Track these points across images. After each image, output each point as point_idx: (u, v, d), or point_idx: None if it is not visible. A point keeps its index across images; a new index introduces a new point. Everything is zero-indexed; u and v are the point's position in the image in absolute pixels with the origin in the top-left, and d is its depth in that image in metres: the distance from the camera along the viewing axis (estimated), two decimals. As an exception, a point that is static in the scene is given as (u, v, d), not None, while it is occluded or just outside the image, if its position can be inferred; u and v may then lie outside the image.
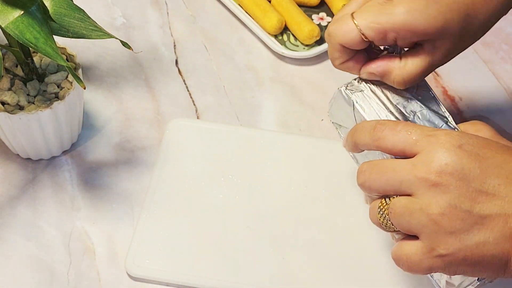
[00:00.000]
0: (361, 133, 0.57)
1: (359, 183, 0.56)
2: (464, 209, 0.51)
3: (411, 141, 0.54)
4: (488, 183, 0.52)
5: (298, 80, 0.84)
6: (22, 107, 0.70)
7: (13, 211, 0.72)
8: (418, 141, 0.53)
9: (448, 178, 0.51)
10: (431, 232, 0.52)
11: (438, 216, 0.52)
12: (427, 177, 0.52)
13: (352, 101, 0.61)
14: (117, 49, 0.86)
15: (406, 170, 0.53)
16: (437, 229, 0.52)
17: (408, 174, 0.53)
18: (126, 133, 0.79)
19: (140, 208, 0.72)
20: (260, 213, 0.72)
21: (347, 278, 0.68)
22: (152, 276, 0.68)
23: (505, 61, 0.87)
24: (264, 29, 0.87)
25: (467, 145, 0.52)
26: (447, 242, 0.52)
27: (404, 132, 0.54)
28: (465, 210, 0.51)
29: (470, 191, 0.51)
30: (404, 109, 0.60)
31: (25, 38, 0.60)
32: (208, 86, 0.84)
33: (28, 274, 0.68)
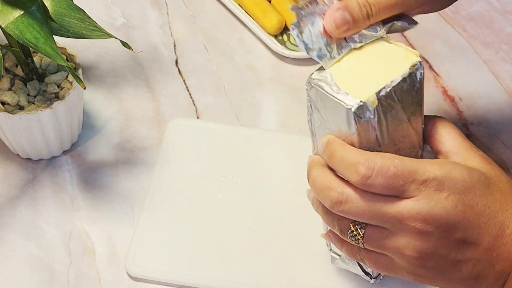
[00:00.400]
0: (347, 171, 0.54)
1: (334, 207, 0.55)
2: (440, 255, 0.53)
3: (401, 190, 0.52)
4: (469, 234, 0.53)
5: (298, 80, 0.84)
6: (22, 107, 0.70)
7: (13, 211, 0.72)
8: (407, 189, 0.52)
9: (433, 229, 0.53)
10: (402, 263, 0.55)
11: (411, 258, 0.54)
12: (413, 225, 0.53)
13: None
14: (117, 49, 0.86)
15: (393, 210, 0.53)
16: (408, 266, 0.55)
17: (394, 214, 0.53)
18: (126, 133, 0.79)
19: (140, 208, 0.72)
20: (260, 213, 0.72)
21: (348, 278, 0.68)
22: (152, 276, 0.68)
23: (505, 61, 0.87)
24: (264, 29, 0.87)
25: (454, 195, 0.52)
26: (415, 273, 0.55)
27: (394, 180, 0.52)
28: (441, 256, 0.54)
29: (451, 241, 0.53)
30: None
31: (25, 38, 0.61)
32: (208, 86, 0.84)
33: (28, 274, 0.68)
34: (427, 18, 0.90)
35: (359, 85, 0.55)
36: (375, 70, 0.56)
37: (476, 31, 0.90)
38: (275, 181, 0.74)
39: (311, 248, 0.70)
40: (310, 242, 0.70)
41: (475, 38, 0.89)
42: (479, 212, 0.52)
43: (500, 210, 0.53)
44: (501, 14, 0.92)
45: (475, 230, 0.53)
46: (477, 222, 0.53)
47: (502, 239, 0.53)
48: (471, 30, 0.90)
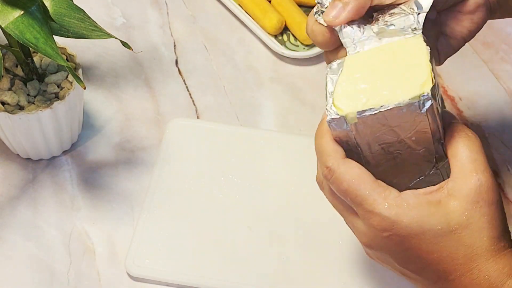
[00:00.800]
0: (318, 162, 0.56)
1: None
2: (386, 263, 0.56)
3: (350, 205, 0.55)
4: (408, 269, 0.55)
5: (298, 80, 0.84)
6: (22, 107, 0.70)
7: (13, 211, 0.72)
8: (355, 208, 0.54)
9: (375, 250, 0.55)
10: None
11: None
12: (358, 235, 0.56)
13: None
14: (117, 49, 0.86)
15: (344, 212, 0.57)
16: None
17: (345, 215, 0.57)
18: (126, 133, 0.79)
19: (140, 208, 0.72)
20: (260, 213, 0.72)
21: (348, 278, 0.68)
22: (152, 276, 0.68)
23: (505, 61, 0.87)
24: (264, 29, 0.87)
25: (396, 236, 0.53)
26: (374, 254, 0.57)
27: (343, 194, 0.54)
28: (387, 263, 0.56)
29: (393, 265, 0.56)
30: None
31: (25, 38, 0.60)
32: (208, 86, 0.84)
33: (28, 274, 0.68)
34: (427, 18, 0.90)
35: (354, 92, 0.54)
36: (384, 80, 0.54)
37: (476, 31, 0.90)
38: (275, 181, 0.74)
39: (311, 248, 0.70)
40: (310, 242, 0.70)
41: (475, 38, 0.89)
42: (420, 256, 0.53)
43: (446, 259, 0.52)
44: (501, 14, 0.92)
45: (416, 268, 0.54)
46: (418, 263, 0.53)
47: (445, 282, 0.53)
48: (471, 30, 0.90)
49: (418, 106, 0.52)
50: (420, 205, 0.52)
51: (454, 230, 0.52)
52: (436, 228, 0.52)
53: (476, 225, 0.52)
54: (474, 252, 0.52)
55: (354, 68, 0.55)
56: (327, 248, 0.70)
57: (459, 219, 0.52)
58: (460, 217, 0.52)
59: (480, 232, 0.52)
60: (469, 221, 0.52)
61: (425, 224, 0.52)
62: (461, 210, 0.52)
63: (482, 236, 0.52)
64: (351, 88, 0.54)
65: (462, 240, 0.52)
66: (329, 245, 0.70)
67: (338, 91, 0.54)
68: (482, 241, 0.52)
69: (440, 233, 0.52)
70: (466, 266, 0.52)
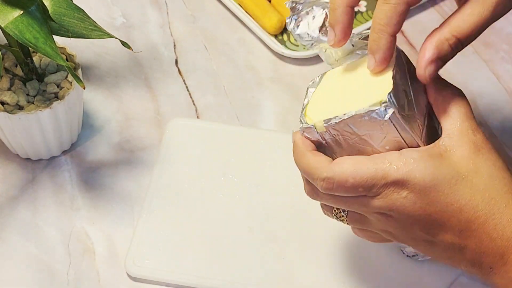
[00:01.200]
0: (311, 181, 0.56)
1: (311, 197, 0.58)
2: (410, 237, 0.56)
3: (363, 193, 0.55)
4: (432, 228, 0.54)
5: (298, 80, 0.84)
6: (21, 107, 0.70)
7: (13, 211, 0.72)
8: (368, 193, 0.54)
9: (396, 218, 0.55)
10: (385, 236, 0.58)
11: (389, 235, 0.57)
12: (377, 215, 0.55)
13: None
14: (117, 49, 0.86)
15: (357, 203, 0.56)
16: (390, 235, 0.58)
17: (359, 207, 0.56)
18: (126, 133, 0.79)
19: (140, 208, 0.72)
20: (260, 213, 0.72)
21: (349, 278, 0.68)
22: (152, 276, 0.68)
23: (505, 61, 0.87)
24: (264, 29, 0.87)
25: (413, 194, 0.53)
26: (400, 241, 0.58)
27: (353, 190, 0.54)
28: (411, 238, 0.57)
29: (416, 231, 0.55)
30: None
31: (25, 38, 0.60)
32: (208, 86, 0.83)
33: (28, 274, 0.68)
34: (427, 18, 0.90)
35: (325, 103, 0.57)
36: (352, 91, 0.56)
37: (477, 31, 0.90)
38: (275, 181, 0.74)
39: (311, 248, 0.70)
40: (310, 242, 0.70)
41: (476, 38, 0.89)
42: (441, 209, 0.53)
43: (466, 207, 0.53)
44: (502, 14, 0.92)
45: (438, 223, 0.54)
46: (440, 218, 0.53)
47: (468, 233, 0.53)
48: (472, 30, 0.90)
49: (379, 114, 0.53)
50: (425, 158, 0.53)
51: (465, 177, 0.53)
52: (448, 177, 0.53)
53: (484, 170, 0.53)
54: (491, 196, 0.53)
55: (329, 81, 0.58)
56: (327, 248, 0.70)
57: (467, 166, 0.53)
58: (467, 164, 0.53)
59: (490, 176, 0.53)
60: (476, 167, 0.53)
61: (436, 174, 0.53)
62: (466, 159, 0.53)
63: (493, 180, 0.53)
64: (322, 100, 0.57)
65: (475, 186, 0.53)
66: (329, 245, 0.70)
67: (312, 103, 0.57)
68: (495, 184, 0.53)
69: (453, 181, 0.53)
70: (487, 211, 0.52)
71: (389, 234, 0.57)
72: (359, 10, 0.90)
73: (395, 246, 0.69)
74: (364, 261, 0.69)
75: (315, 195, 0.58)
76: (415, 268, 0.69)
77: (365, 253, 0.70)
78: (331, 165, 0.54)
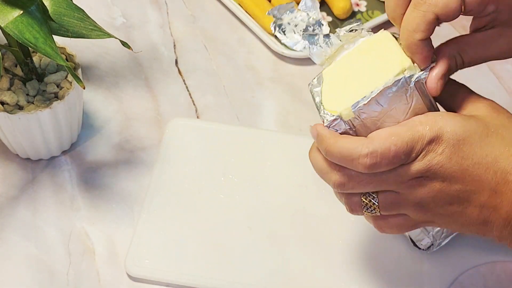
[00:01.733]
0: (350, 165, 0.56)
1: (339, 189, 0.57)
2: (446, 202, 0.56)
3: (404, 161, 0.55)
4: (469, 182, 0.55)
5: (298, 80, 0.84)
6: (21, 107, 0.70)
7: (12, 211, 0.72)
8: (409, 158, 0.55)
9: (434, 180, 0.55)
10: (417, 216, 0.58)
11: (422, 210, 0.57)
12: (415, 181, 0.55)
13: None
14: (117, 49, 0.86)
15: (394, 175, 0.55)
16: (422, 217, 0.57)
17: (396, 178, 0.56)
18: (125, 133, 0.79)
19: (140, 208, 0.72)
20: (260, 213, 0.72)
21: (349, 278, 0.68)
22: (152, 276, 0.68)
23: (505, 60, 0.87)
24: (264, 29, 0.87)
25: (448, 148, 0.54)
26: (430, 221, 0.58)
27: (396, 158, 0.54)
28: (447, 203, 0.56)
29: (453, 190, 0.55)
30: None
31: (25, 38, 0.60)
32: (208, 86, 0.83)
33: (28, 274, 0.68)
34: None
35: (341, 93, 0.57)
36: (364, 75, 0.56)
37: (477, 31, 0.90)
38: (275, 181, 0.74)
39: (312, 248, 0.70)
40: (310, 242, 0.70)
41: (476, 38, 0.89)
42: (477, 162, 0.54)
43: (500, 158, 0.54)
44: (502, 13, 0.92)
45: (474, 178, 0.54)
46: (476, 171, 0.54)
47: (505, 185, 0.54)
48: (472, 30, 0.90)
49: (406, 81, 0.55)
50: (452, 115, 0.55)
51: (495, 130, 0.55)
52: (479, 130, 0.54)
53: (510, 125, 0.55)
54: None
55: (333, 76, 0.58)
56: (327, 248, 0.70)
57: (494, 122, 0.55)
58: (494, 120, 0.55)
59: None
60: (502, 123, 0.55)
61: (467, 127, 0.54)
62: (490, 117, 0.55)
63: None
64: (337, 92, 0.57)
65: (506, 138, 0.54)
66: (329, 245, 0.70)
67: (326, 98, 0.57)
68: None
69: (484, 134, 0.54)
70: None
71: (421, 209, 0.57)
72: (359, 10, 0.90)
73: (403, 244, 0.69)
74: (364, 260, 0.69)
75: (349, 185, 0.57)
76: (415, 268, 0.69)
77: (365, 253, 0.70)
78: (367, 141, 0.54)
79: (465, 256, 0.69)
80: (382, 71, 0.55)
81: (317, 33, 0.58)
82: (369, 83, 0.55)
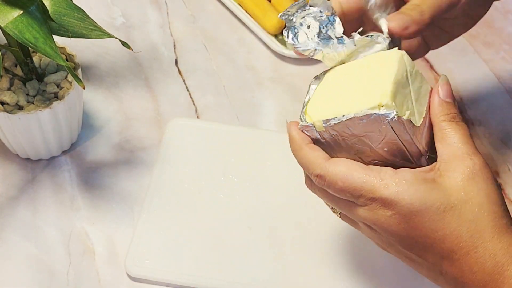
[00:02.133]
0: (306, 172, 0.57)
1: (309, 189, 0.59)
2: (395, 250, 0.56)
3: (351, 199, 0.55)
4: (415, 250, 0.54)
5: (298, 80, 0.84)
6: (21, 107, 0.70)
7: (12, 211, 0.72)
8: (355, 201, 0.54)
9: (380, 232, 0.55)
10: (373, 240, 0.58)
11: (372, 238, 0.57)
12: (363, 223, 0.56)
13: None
14: (117, 49, 0.86)
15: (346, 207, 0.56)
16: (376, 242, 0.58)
17: (348, 210, 0.56)
18: (126, 133, 0.79)
19: (140, 208, 0.72)
20: (260, 213, 0.72)
21: (349, 278, 0.68)
22: (152, 276, 0.68)
23: (506, 61, 0.87)
24: (264, 29, 0.87)
25: (398, 215, 0.52)
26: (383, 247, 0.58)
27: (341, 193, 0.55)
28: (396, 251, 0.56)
29: (399, 248, 0.55)
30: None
31: (25, 38, 0.60)
32: (208, 86, 0.83)
33: (28, 274, 0.68)
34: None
35: (325, 102, 0.57)
36: (350, 92, 0.56)
37: (477, 31, 0.90)
38: (275, 181, 0.74)
39: (312, 248, 0.70)
40: (310, 242, 0.70)
41: (476, 38, 0.89)
42: (425, 235, 0.52)
43: (449, 237, 0.52)
44: (502, 13, 0.92)
45: (421, 247, 0.53)
46: (423, 242, 0.53)
47: (450, 262, 0.52)
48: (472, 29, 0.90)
49: (378, 117, 0.53)
50: (417, 181, 0.52)
51: (454, 205, 0.52)
52: (437, 204, 0.52)
53: (476, 200, 0.52)
54: (477, 228, 0.52)
55: (330, 80, 0.58)
56: (327, 248, 0.70)
57: (457, 195, 0.52)
58: (458, 192, 0.52)
59: (480, 207, 0.52)
60: (468, 196, 0.52)
61: (426, 200, 0.52)
62: (458, 187, 0.52)
63: (483, 212, 0.52)
64: (323, 99, 0.57)
65: (463, 215, 0.52)
66: (329, 245, 0.70)
67: (312, 100, 0.57)
68: (483, 217, 0.52)
69: (442, 209, 0.52)
70: (471, 243, 0.52)
71: (375, 240, 0.57)
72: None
73: None
74: (364, 260, 0.69)
75: (311, 187, 0.58)
76: (415, 268, 0.69)
77: (365, 252, 0.70)
78: (326, 163, 0.55)
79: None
80: (364, 96, 0.54)
81: (331, 36, 0.57)
82: (349, 103, 0.54)
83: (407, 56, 0.56)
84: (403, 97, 0.54)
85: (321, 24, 0.57)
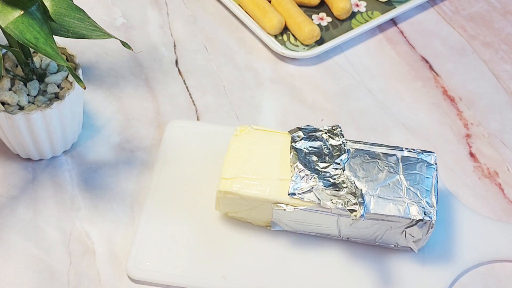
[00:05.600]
0: None
1: None
2: None
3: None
4: None
5: (298, 80, 0.84)
6: (22, 107, 0.70)
7: (13, 211, 0.72)
8: None
9: None
10: None
11: None
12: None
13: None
14: (117, 49, 0.86)
15: None
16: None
17: None
18: (126, 133, 0.79)
19: (140, 208, 0.72)
20: (260, 213, 0.72)
21: (349, 278, 0.68)
22: (153, 278, 0.68)
23: (505, 61, 0.87)
24: (264, 29, 0.87)
25: None
26: None
27: None
28: None
29: None
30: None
31: (25, 38, 0.60)
32: (208, 86, 0.84)
33: (28, 274, 0.68)
34: (427, 18, 0.90)
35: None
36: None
37: (476, 31, 0.90)
38: (275, 181, 0.74)
39: (312, 248, 0.70)
40: (310, 241, 0.70)
41: (475, 38, 0.89)
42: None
43: None
44: (501, 14, 0.92)
45: None
46: None
47: None
48: (471, 30, 0.90)
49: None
50: None
51: None
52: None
53: None
54: None
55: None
56: (328, 249, 0.70)
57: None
58: None
59: None
60: None
61: None
62: None
63: None
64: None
65: None
66: (330, 246, 0.70)
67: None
68: None
69: None
70: None
71: None
72: (359, 10, 0.90)
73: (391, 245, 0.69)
74: (365, 261, 0.69)
75: None
76: (416, 268, 0.69)
77: (365, 253, 0.70)
78: None
79: (465, 256, 0.70)
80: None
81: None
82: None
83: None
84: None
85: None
